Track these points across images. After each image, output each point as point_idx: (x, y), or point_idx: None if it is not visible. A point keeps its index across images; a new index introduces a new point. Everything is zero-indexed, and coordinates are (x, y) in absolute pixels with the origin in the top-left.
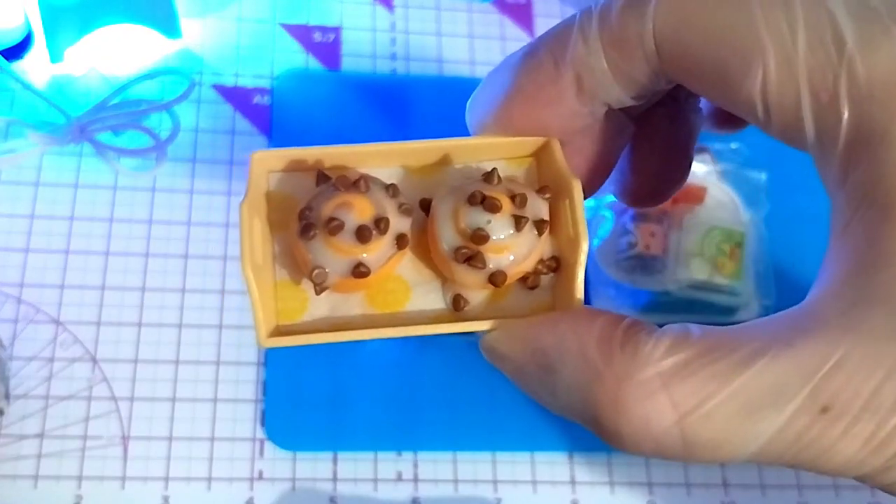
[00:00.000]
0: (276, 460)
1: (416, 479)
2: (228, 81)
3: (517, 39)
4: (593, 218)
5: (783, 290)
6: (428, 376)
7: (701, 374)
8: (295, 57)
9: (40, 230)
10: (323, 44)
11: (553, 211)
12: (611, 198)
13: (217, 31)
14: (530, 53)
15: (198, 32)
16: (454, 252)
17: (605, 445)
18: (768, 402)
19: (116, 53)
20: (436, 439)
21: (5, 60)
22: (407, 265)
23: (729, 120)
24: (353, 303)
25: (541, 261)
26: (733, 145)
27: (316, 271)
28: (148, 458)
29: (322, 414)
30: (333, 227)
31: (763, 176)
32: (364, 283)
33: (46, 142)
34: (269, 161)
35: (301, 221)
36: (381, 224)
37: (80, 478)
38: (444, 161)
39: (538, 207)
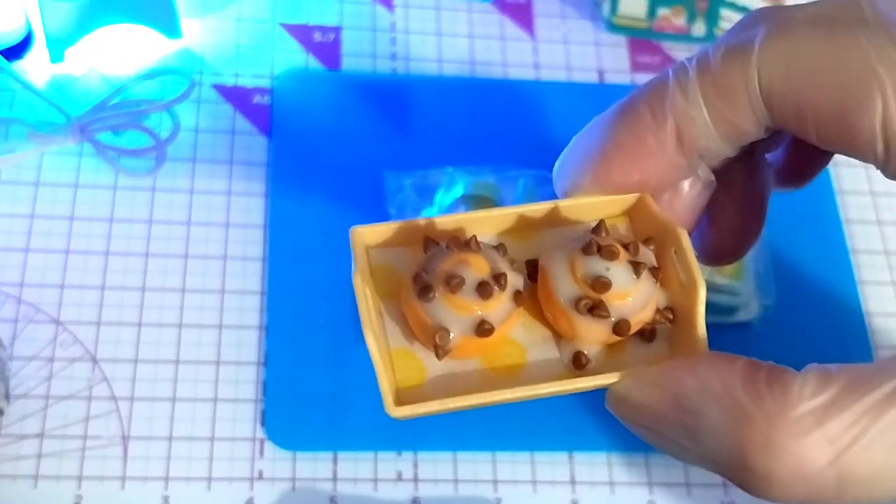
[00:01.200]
0: (276, 460)
1: (416, 479)
2: (228, 81)
3: (517, 39)
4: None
5: (783, 289)
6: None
7: (853, 408)
8: (295, 57)
9: (40, 230)
10: (323, 44)
11: (661, 260)
12: None
13: (217, 31)
14: (626, 108)
15: (198, 32)
16: (575, 303)
17: (605, 445)
18: None
19: (116, 53)
20: (436, 439)
21: (5, 60)
22: (519, 327)
23: (795, 175)
24: (470, 368)
25: (657, 310)
26: None
27: (439, 333)
28: (148, 457)
29: (322, 414)
30: (455, 284)
31: None
32: (483, 344)
33: (46, 142)
34: (366, 235)
35: (417, 284)
36: (500, 279)
37: (79, 478)
38: (537, 225)
39: (648, 256)
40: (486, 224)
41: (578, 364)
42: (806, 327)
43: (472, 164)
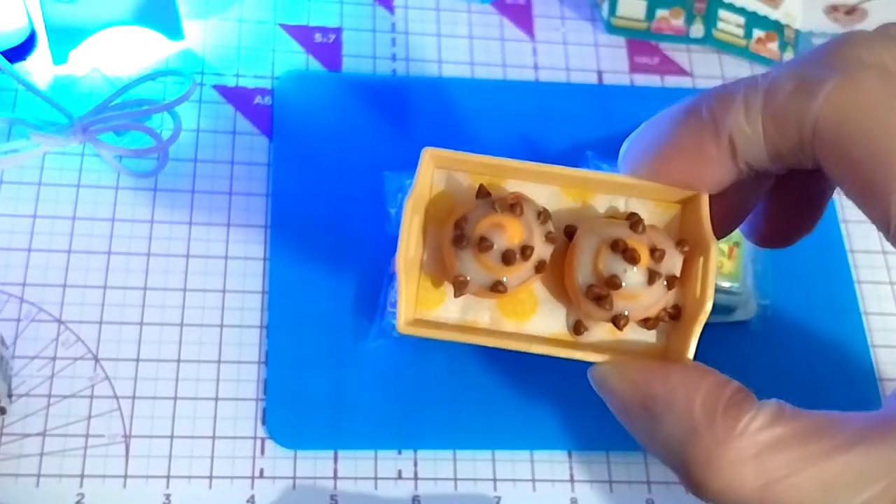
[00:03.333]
0: (277, 459)
1: (416, 478)
2: (230, 82)
3: (517, 40)
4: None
5: (782, 289)
6: (428, 375)
7: (793, 452)
8: (296, 58)
9: (43, 230)
10: (323, 45)
11: (686, 263)
12: None
13: (218, 33)
14: (693, 111)
15: (199, 33)
16: (586, 288)
17: (604, 444)
18: (848, 485)
19: (118, 54)
20: (436, 438)
21: (8, 61)
22: (540, 282)
23: (781, 236)
24: (484, 305)
25: (664, 308)
26: None
27: (459, 279)
28: (149, 456)
29: (323, 413)
30: (484, 245)
31: None
32: (498, 295)
33: (49, 142)
34: (437, 159)
35: (455, 231)
36: (526, 251)
37: (81, 476)
38: (596, 188)
39: (673, 263)
40: (546, 177)
41: (577, 331)
42: (804, 327)
43: None
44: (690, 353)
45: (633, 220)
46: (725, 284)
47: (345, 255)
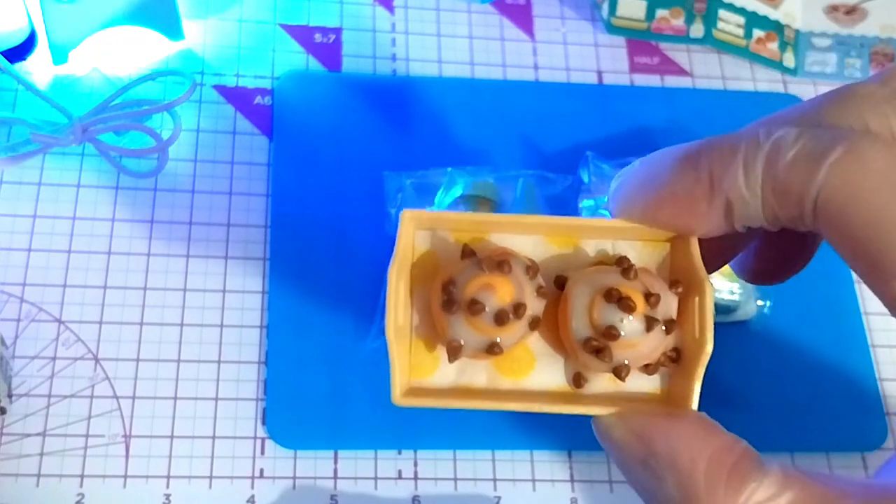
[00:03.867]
0: (277, 459)
1: (416, 478)
2: (230, 82)
3: (517, 40)
4: (593, 217)
5: (781, 290)
6: None
7: None
8: (296, 58)
9: (43, 230)
10: (323, 45)
11: (681, 303)
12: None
13: (218, 33)
14: (689, 161)
15: (199, 34)
16: (584, 342)
17: None
18: None
19: (119, 54)
20: (436, 438)
21: (8, 61)
22: (535, 336)
23: (771, 273)
24: (480, 365)
25: (663, 353)
26: None
27: (452, 343)
28: (150, 456)
29: (323, 413)
30: (475, 308)
31: None
32: (494, 356)
33: (49, 142)
34: (417, 220)
35: (444, 294)
36: (519, 309)
37: (81, 476)
38: (583, 234)
39: (669, 306)
40: (530, 228)
41: (577, 384)
42: (803, 327)
43: (471, 164)
44: (694, 403)
45: (625, 267)
46: (725, 285)
47: (345, 255)
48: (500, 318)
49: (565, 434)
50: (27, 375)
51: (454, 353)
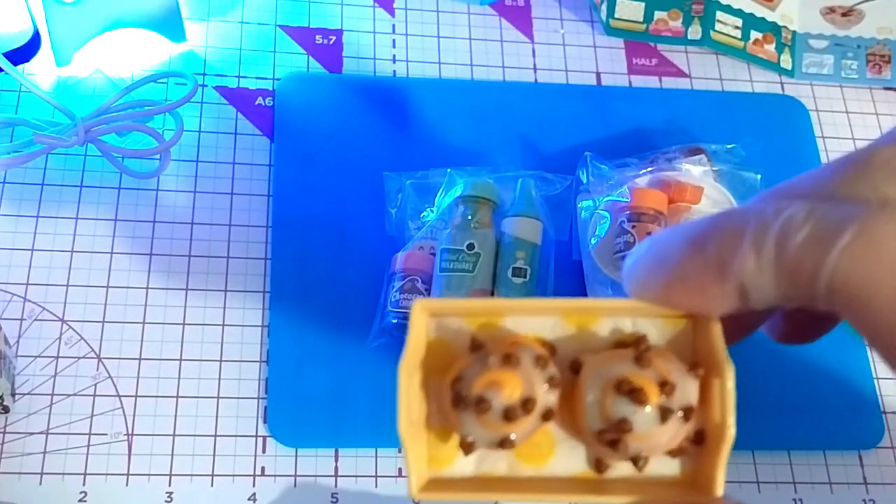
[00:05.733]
0: (279, 457)
1: None
2: (231, 83)
3: (516, 42)
4: (591, 217)
5: None
6: None
7: None
8: (297, 59)
9: (45, 230)
10: (324, 46)
11: (703, 385)
12: (609, 198)
13: (220, 35)
14: (697, 246)
15: (201, 36)
16: (597, 434)
17: None
18: None
19: (121, 56)
20: None
21: (11, 63)
22: (553, 423)
23: (800, 335)
24: (500, 454)
25: (686, 437)
26: (729, 146)
27: (465, 441)
28: (152, 454)
29: (324, 411)
30: (482, 407)
31: (757, 177)
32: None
33: (52, 143)
34: (429, 309)
35: (452, 391)
36: (527, 405)
37: (84, 474)
38: (598, 314)
39: (687, 392)
40: (543, 311)
41: (599, 469)
42: None
43: (471, 164)
44: (720, 489)
45: (639, 352)
46: None
47: (345, 255)
48: (509, 415)
49: None
50: (30, 374)
51: (467, 449)
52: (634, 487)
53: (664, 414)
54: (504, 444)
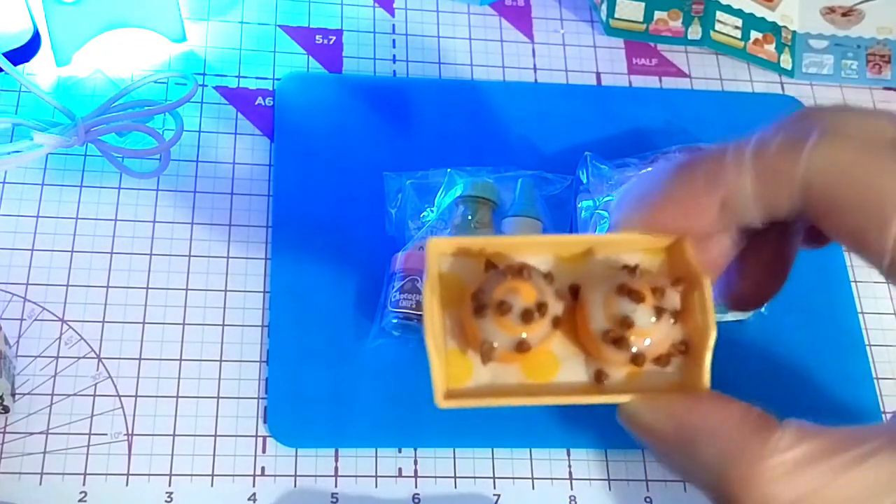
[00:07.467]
0: (279, 457)
1: (416, 476)
2: (231, 83)
3: (516, 42)
4: (591, 217)
5: None
6: (428, 374)
7: (821, 466)
8: (297, 59)
9: (46, 230)
10: (324, 46)
11: (683, 299)
12: (609, 198)
13: (220, 35)
14: (685, 168)
15: (201, 35)
16: (602, 334)
17: (603, 443)
18: (873, 493)
19: (121, 56)
20: (436, 436)
21: (11, 63)
22: (557, 341)
23: (816, 239)
24: (511, 372)
25: (672, 344)
26: None
27: (485, 345)
28: (152, 454)
29: (324, 411)
30: (504, 308)
31: None
32: (522, 356)
33: (52, 143)
34: (441, 246)
35: (474, 302)
36: (542, 308)
37: (84, 474)
38: (588, 252)
39: (673, 299)
40: (541, 247)
41: (599, 379)
42: (800, 325)
43: (471, 164)
44: (706, 382)
45: (631, 268)
46: None
47: (345, 255)
48: (527, 316)
49: (564, 433)
50: (30, 374)
51: (487, 354)
52: (631, 392)
53: (658, 312)
54: (520, 346)
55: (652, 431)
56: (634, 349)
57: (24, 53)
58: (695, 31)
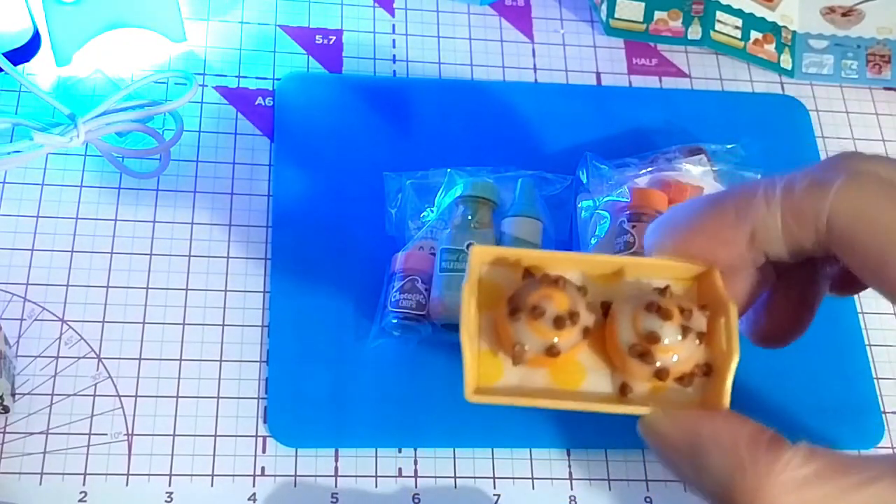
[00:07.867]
0: (279, 457)
1: (416, 476)
2: (231, 83)
3: (516, 42)
4: (591, 217)
5: None
6: (428, 375)
7: (829, 485)
8: (297, 59)
9: (46, 230)
10: (324, 46)
11: (709, 324)
12: (609, 198)
13: (220, 35)
14: (717, 201)
15: (201, 35)
16: (629, 347)
17: (603, 443)
18: None
19: (121, 56)
20: (436, 436)
21: (11, 63)
22: (585, 353)
23: (847, 288)
24: (539, 376)
25: (697, 365)
26: (729, 146)
27: (517, 347)
28: (152, 454)
29: (324, 411)
30: (537, 312)
31: (758, 176)
32: (551, 361)
33: (52, 143)
34: (483, 254)
35: (510, 305)
36: (573, 316)
37: (84, 474)
38: (620, 273)
39: (700, 321)
40: (575, 263)
41: (623, 392)
42: None
43: (471, 164)
44: (726, 403)
45: (661, 289)
46: None
47: (345, 255)
48: (559, 322)
49: (564, 433)
50: (30, 374)
51: (518, 355)
52: (653, 404)
53: (685, 331)
54: (551, 350)
55: (666, 440)
56: (658, 363)
57: (24, 53)
58: (695, 31)
